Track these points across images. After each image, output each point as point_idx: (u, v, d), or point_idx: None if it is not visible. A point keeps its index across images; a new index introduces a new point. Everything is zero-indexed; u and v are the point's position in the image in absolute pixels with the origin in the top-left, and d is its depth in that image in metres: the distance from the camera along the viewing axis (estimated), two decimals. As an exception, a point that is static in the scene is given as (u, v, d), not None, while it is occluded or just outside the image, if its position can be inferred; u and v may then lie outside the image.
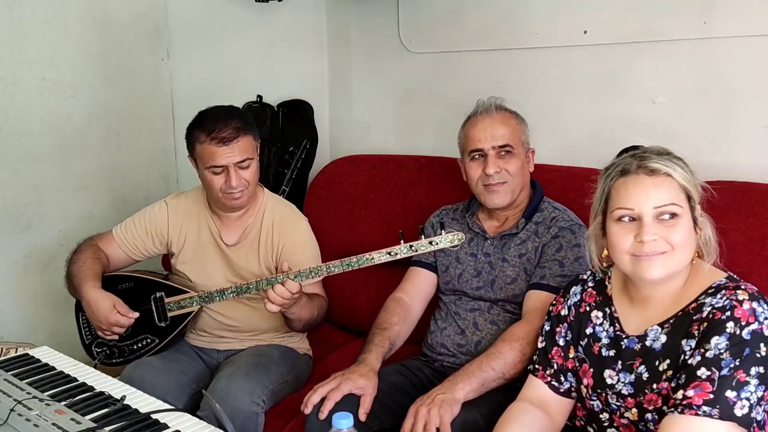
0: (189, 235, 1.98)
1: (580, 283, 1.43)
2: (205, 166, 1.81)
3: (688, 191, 1.23)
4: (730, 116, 1.86)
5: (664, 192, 1.22)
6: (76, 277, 1.89)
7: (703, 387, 1.13)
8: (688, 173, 1.25)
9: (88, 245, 1.97)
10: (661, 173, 1.22)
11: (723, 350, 1.13)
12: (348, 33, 2.69)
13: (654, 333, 1.27)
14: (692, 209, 1.24)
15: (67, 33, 2.32)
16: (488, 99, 1.81)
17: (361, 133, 2.73)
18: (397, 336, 1.75)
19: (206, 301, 1.88)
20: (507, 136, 1.76)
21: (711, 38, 1.85)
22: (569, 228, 1.72)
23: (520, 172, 1.77)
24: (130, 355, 1.94)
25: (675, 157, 1.26)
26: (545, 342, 1.43)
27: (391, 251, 1.65)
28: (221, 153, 1.78)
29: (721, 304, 1.18)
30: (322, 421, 1.49)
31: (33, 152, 2.29)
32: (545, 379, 1.41)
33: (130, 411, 1.33)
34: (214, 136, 1.77)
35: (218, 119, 1.80)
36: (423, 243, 1.64)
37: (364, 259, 1.68)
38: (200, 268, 1.96)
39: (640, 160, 1.25)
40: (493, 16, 2.26)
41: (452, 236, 1.64)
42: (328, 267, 1.72)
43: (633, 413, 1.28)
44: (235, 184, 1.80)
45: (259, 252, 1.93)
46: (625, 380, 1.29)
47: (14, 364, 1.57)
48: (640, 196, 1.22)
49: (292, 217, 1.98)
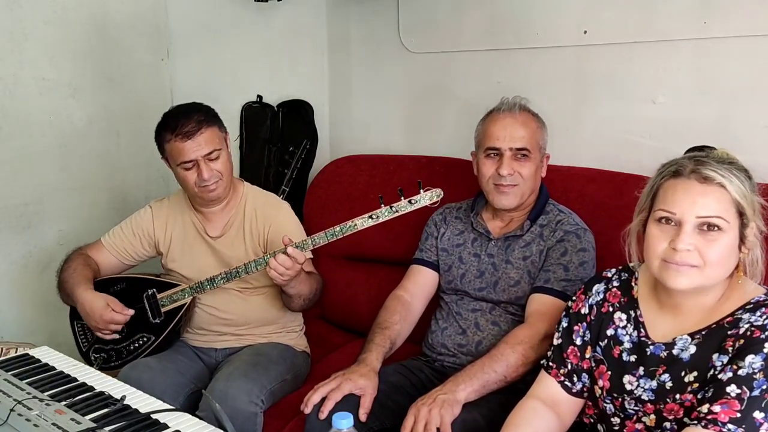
0: (175, 233, 2.00)
1: (603, 282, 1.38)
2: (176, 164, 1.85)
3: (741, 207, 1.16)
4: (730, 116, 1.86)
5: (712, 202, 1.15)
6: (68, 283, 1.91)
7: (731, 404, 1.11)
8: (747, 188, 1.17)
9: (77, 254, 2.00)
10: (715, 182, 1.15)
11: (757, 370, 1.11)
12: (348, 33, 2.69)
13: (683, 342, 1.23)
14: (743, 226, 1.17)
15: (67, 33, 2.31)
16: (513, 98, 1.79)
17: (361, 133, 2.73)
18: (397, 335, 1.75)
19: (197, 290, 1.90)
20: (526, 139, 1.74)
21: (711, 38, 1.85)
22: (575, 232, 1.72)
23: (533, 177, 1.76)
24: (128, 356, 1.95)
25: (738, 168, 1.18)
26: (561, 339, 1.39)
27: (373, 215, 1.66)
28: (188, 148, 1.80)
29: (761, 322, 1.15)
30: (322, 420, 1.49)
31: (33, 152, 2.29)
32: (558, 378, 1.38)
33: (130, 411, 1.33)
34: (177, 132, 1.80)
35: (180, 115, 1.83)
36: (403, 203, 1.64)
37: (347, 226, 1.69)
38: (190, 263, 1.99)
39: (695, 164, 1.18)
40: (493, 16, 2.26)
41: (431, 193, 1.64)
42: (314, 239, 1.73)
43: (651, 419, 1.26)
44: (207, 176, 1.83)
45: (245, 240, 1.95)
46: (646, 386, 1.26)
47: (14, 364, 1.57)
48: (686, 201, 1.17)
49: (274, 203, 2.02)
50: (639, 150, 2.01)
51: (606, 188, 1.92)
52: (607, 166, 2.00)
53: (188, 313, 1.96)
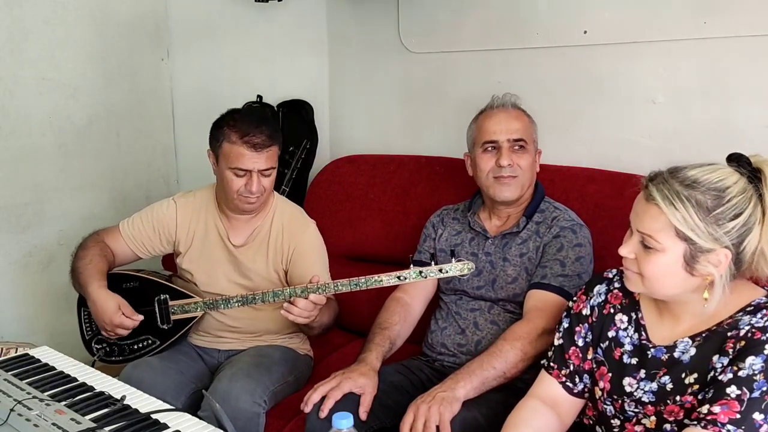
0: (197, 234, 1.97)
1: (605, 282, 1.38)
2: (228, 166, 1.81)
3: (681, 233, 1.15)
4: (730, 116, 1.86)
5: (649, 221, 1.18)
6: (82, 275, 1.88)
7: (731, 405, 1.11)
8: (697, 217, 1.14)
9: (94, 241, 1.95)
10: (653, 202, 1.18)
11: (757, 372, 1.11)
12: (348, 33, 2.69)
13: (684, 345, 1.23)
14: (693, 251, 1.15)
15: (67, 33, 2.32)
16: (504, 95, 1.82)
17: (361, 133, 2.73)
18: (397, 335, 1.75)
19: (210, 307, 1.88)
20: (521, 130, 1.77)
21: (711, 38, 1.85)
22: (570, 228, 1.73)
23: (530, 169, 1.78)
24: (130, 354, 1.94)
25: (702, 192, 1.14)
26: (563, 340, 1.39)
27: (401, 275, 1.66)
28: (250, 157, 1.78)
29: (761, 324, 1.15)
30: (322, 419, 1.49)
31: (33, 152, 2.29)
32: (560, 379, 1.38)
33: (130, 411, 1.33)
34: (247, 140, 1.77)
35: (252, 123, 1.79)
36: (433, 269, 1.64)
37: (372, 280, 1.69)
38: (206, 267, 1.96)
39: (650, 180, 1.20)
40: (493, 16, 2.26)
41: (462, 265, 1.63)
42: (336, 285, 1.72)
43: (651, 421, 1.26)
44: (255, 189, 1.80)
45: (268, 254, 1.93)
46: (646, 388, 1.27)
47: (14, 364, 1.57)
48: (634, 215, 1.23)
49: (301, 221, 1.98)
50: (639, 150, 2.01)
51: (606, 188, 1.92)
52: (606, 166, 2.00)
53: (197, 322, 1.94)
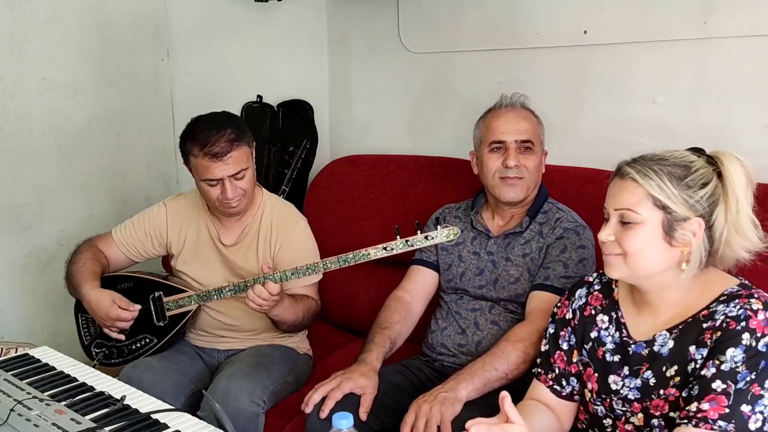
0: (188, 236, 1.98)
1: (585, 286, 1.41)
2: (200, 179, 1.81)
3: (658, 201, 1.20)
4: (730, 116, 1.86)
5: (626, 195, 1.23)
6: (76, 278, 1.90)
7: (719, 401, 1.11)
8: (671, 185, 1.19)
9: (87, 246, 1.99)
10: (628, 177, 1.24)
11: (739, 363, 1.12)
12: (348, 33, 2.69)
13: (662, 338, 1.25)
14: (670, 220, 1.19)
15: (67, 33, 2.31)
16: (513, 95, 1.82)
17: (361, 133, 2.73)
18: (398, 335, 1.75)
19: (204, 299, 1.89)
20: (530, 132, 1.77)
21: (711, 38, 1.85)
22: (574, 229, 1.72)
23: (537, 170, 1.78)
24: (129, 355, 1.95)
25: (672, 164, 1.21)
26: (548, 345, 1.42)
27: (387, 246, 1.66)
28: (215, 167, 1.75)
29: (735, 313, 1.16)
30: (322, 420, 1.49)
31: (33, 152, 2.29)
32: (547, 383, 1.40)
33: (130, 411, 1.33)
34: (207, 150, 1.74)
35: (211, 130, 1.75)
36: (419, 238, 1.64)
37: (360, 254, 1.68)
38: (200, 268, 1.97)
39: (626, 164, 1.27)
40: (493, 16, 2.26)
41: (447, 231, 1.64)
42: (325, 263, 1.73)
43: (639, 418, 1.27)
44: (231, 195, 1.79)
45: (258, 251, 1.93)
46: (631, 385, 1.28)
47: (14, 364, 1.57)
48: (609, 197, 1.28)
49: (291, 217, 1.98)
50: (639, 150, 1.96)
51: (606, 188, 1.91)
52: (607, 166, 1.98)
53: (193, 317, 1.95)
